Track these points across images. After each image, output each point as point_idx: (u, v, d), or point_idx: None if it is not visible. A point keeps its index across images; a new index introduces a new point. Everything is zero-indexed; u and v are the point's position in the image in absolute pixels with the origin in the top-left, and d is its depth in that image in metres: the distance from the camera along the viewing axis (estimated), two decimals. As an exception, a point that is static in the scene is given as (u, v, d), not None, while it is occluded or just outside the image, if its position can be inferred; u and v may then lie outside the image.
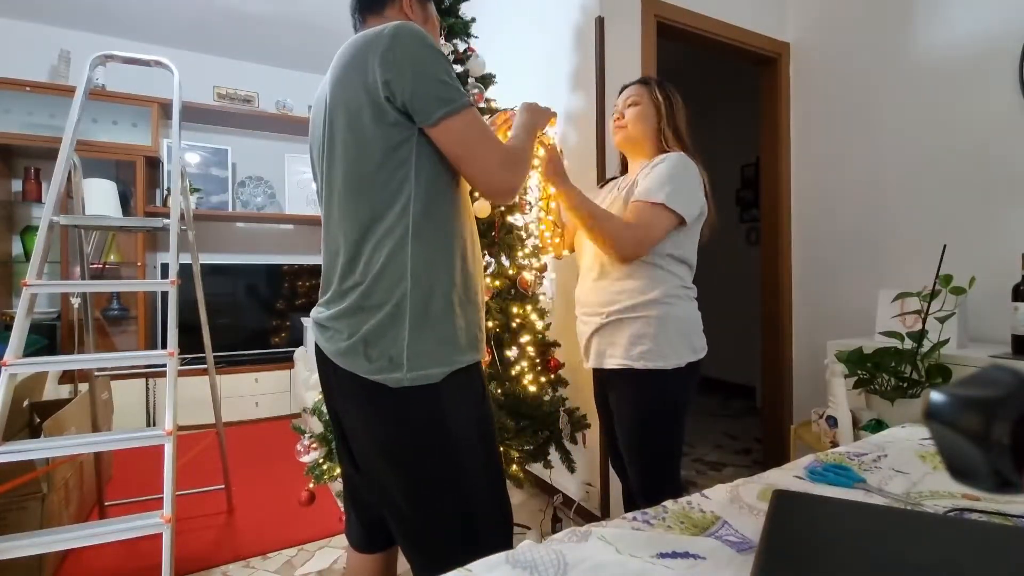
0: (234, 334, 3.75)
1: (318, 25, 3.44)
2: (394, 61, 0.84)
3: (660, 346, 1.25)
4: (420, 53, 0.86)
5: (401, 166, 0.87)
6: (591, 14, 2.10)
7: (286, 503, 2.28)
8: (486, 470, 0.96)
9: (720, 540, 0.67)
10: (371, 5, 1.03)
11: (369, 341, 0.88)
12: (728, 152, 4.22)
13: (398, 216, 0.87)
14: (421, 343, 0.88)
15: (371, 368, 0.87)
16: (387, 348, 0.87)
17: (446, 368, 0.90)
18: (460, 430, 0.91)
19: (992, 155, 1.90)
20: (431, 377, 0.88)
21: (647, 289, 1.27)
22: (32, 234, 3.17)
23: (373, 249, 0.88)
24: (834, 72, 2.43)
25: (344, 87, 0.89)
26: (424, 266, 0.88)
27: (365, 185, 0.88)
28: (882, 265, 2.23)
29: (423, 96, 0.85)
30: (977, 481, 0.35)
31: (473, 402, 0.95)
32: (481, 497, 0.94)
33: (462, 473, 0.91)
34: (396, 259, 0.87)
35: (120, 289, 3.46)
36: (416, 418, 0.89)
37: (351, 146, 0.89)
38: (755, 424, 3.41)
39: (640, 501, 1.29)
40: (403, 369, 0.87)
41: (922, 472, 0.92)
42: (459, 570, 0.59)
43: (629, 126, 1.39)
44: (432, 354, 0.89)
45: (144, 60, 1.83)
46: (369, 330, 0.88)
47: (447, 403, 0.90)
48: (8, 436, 1.39)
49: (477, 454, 0.94)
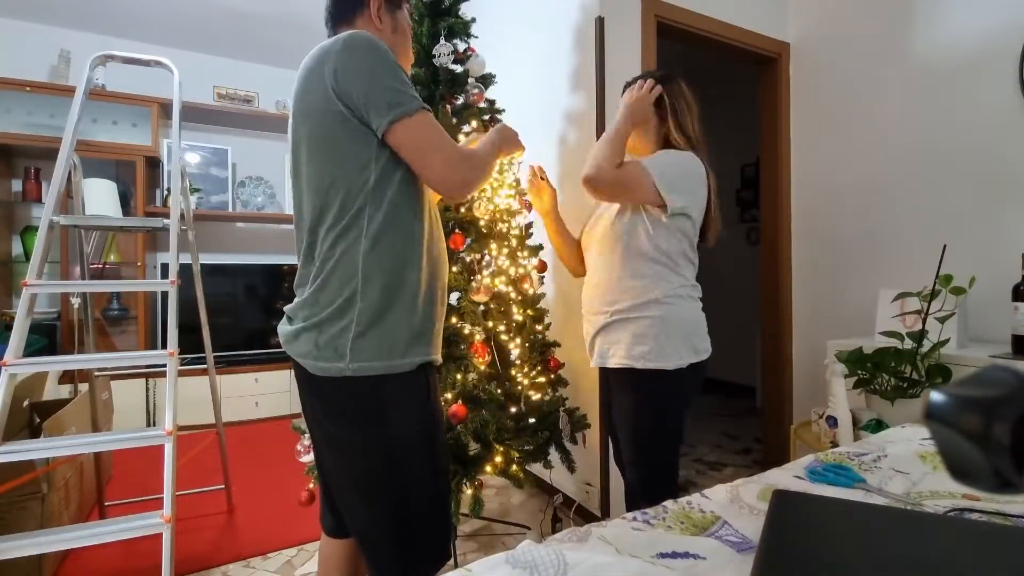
0: (234, 334, 3.75)
1: (318, 25, 3.40)
2: (345, 70, 0.89)
3: (661, 346, 1.25)
4: (370, 61, 0.90)
5: (362, 170, 0.92)
6: (591, 14, 2.10)
7: (286, 503, 2.28)
8: (426, 470, 0.97)
9: (720, 540, 0.67)
10: (341, 15, 1.07)
11: (320, 330, 0.92)
12: (728, 152, 4.22)
13: (354, 217, 0.92)
14: (366, 337, 0.91)
15: (318, 355, 0.92)
16: (334, 339, 0.91)
17: (388, 363, 0.92)
18: (401, 426, 0.94)
19: (992, 155, 1.90)
20: (373, 369, 0.91)
21: (650, 288, 1.27)
22: (32, 234, 3.17)
23: (330, 247, 0.93)
24: (834, 72, 2.43)
25: (306, 94, 0.93)
26: (376, 265, 0.92)
27: (326, 187, 0.93)
28: (882, 265, 2.23)
29: (375, 103, 0.88)
30: (977, 481, 0.35)
31: (417, 400, 0.97)
32: (418, 496, 0.95)
33: (399, 470, 0.93)
34: (348, 257, 0.92)
35: (120, 289, 3.46)
36: (355, 409, 0.92)
37: (314, 151, 0.93)
38: (755, 424, 3.41)
39: (641, 503, 1.29)
40: (345, 360, 0.90)
41: (922, 472, 0.92)
42: (459, 570, 0.59)
43: None
44: (375, 348, 0.92)
45: (144, 60, 1.83)
46: (319, 320, 0.93)
47: (387, 398, 0.93)
48: (8, 436, 1.39)
49: (417, 453, 0.96)
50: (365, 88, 0.88)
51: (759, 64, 2.64)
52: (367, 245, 0.92)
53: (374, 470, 0.93)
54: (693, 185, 1.27)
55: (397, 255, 0.94)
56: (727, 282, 4.19)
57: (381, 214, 0.92)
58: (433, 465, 0.98)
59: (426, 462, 0.97)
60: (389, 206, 0.93)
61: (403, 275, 0.95)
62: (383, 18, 1.07)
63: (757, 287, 2.83)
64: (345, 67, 0.89)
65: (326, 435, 0.98)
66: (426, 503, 0.97)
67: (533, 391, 1.81)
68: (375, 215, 0.92)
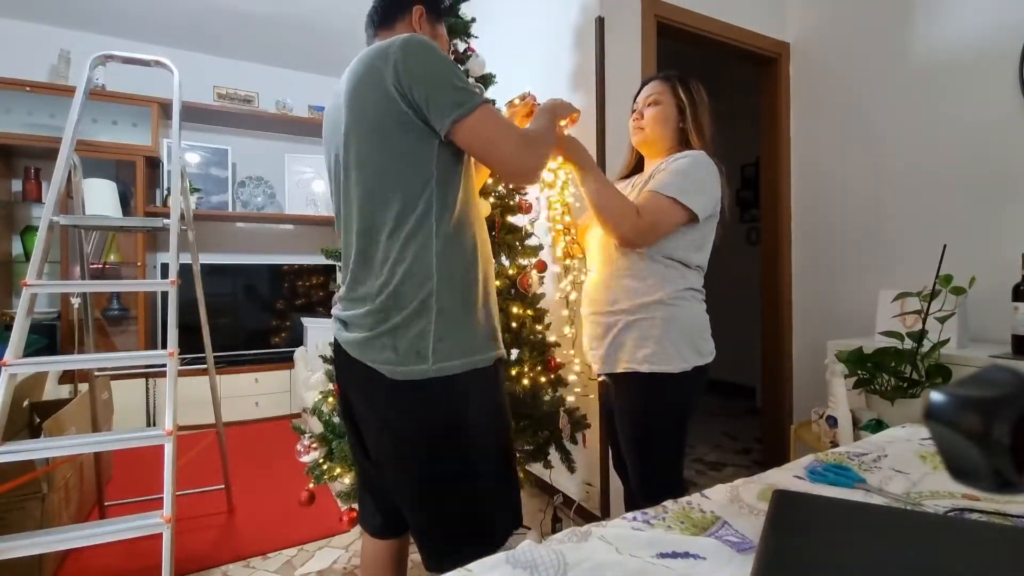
0: (234, 334, 3.75)
1: (318, 25, 3.44)
2: (406, 70, 0.88)
3: (665, 349, 1.23)
4: (430, 61, 0.90)
5: (422, 170, 0.92)
6: (591, 14, 2.10)
7: (286, 503, 2.28)
8: (498, 466, 0.99)
9: (720, 540, 0.67)
10: (385, 19, 1.09)
11: (396, 335, 0.92)
12: (728, 152, 4.20)
13: (421, 218, 0.91)
14: (447, 337, 0.92)
15: (397, 359, 0.91)
16: (414, 343, 0.91)
17: (468, 360, 0.93)
18: (477, 424, 0.94)
19: (992, 155, 1.90)
20: (453, 368, 0.91)
21: (653, 290, 1.25)
22: (32, 234, 3.17)
23: (400, 250, 0.92)
24: (834, 72, 2.43)
25: (361, 97, 0.93)
26: (448, 266, 0.93)
27: (388, 190, 0.92)
28: (882, 265, 2.23)
29: (438, 103, 0.89)
30: (977, 481, 0.35)
31: (491, 397, 0.99)
32: (492, 493, 0.97)
33: (474, 468, 0.94)
34: (421, 259, 0.91)
35: (120, 289, 3.46)
36: (436, 408, 0.92)
37: (372, 154, 0.93)
38: (755, 424, 3.41)
39: (642, 504, 1.28)
40: (428, 361, 0.90)
41: (922, 472, 0.91)
42: (459, 570, 0.59)
43: (647, 128, 1.35)
44: (456, 348, 0.93)
45: (144, 60, 1.83)
46: (396, 325, 0.92)
47: (468, 394, 0.94)
48: (8, 436, 1.38)
49: (490, 449, 0.97)
50: (428, 88, 0.88)
51: (759, 64, 2.64)
52: (439, 245, 0.92)
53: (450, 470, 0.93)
54: (711, 185, 1.26)
55: (467, 253, 0.96)
56: (727, 282, 4.18)
57: (450, 213, 0.93)
58: (505, 460, 1.01)
59: (501, 457, 1.00)
60: (455, 205, 0.94)
61: (473, 273, 0.97)
62: (423, 27, 1.09)
63: (757, 287, 2.83)
64: (407, 67, 0.89)
65: (397, 436, 0.95)
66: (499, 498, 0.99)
67: (533, 391, 1.80)
68: (443, 215, 0.92)
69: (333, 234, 4.46)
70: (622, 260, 1.29)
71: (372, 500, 1.13)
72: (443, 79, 0.90)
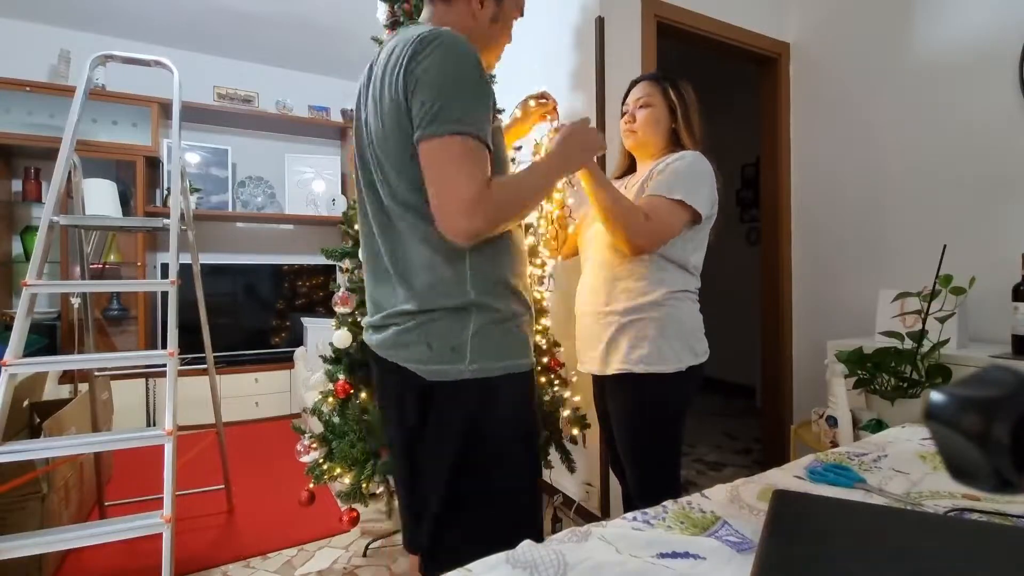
0: (234, 334, 3.75)
1: (318, 25, 3.44)
2: (413, 72, 0.82)
3: (660, 349, 1.23)
4: (439, 65, 0.81)
5: None
6: (591, 14, 2.10)
7: (286, 503, 2.28)
8: (524, 473, 0.95)
9: (720, 540, 0.67)
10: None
11: (431, 333, 0.87)
12: (728, 152, 4.22)
13: None
14: (486, 337, 0.88)
15: (431, 356, 0.86)
16: (450, 339, 0.87)
17: (507, 363, 0.89)
18: (505, 430, 0.91)
19: (992, 155, 1.89)
20: (491, 371, 0.87)
21: (649, 291, 1.25)
22: (32, 234, 3.17)
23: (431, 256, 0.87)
24: (834, 72, 2.42)
25: (381, 90, 0.87)
26: (483, 273, 0.88)
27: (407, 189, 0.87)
28: (882, 265, 2.23)
29: (421, 111, 0.81)
30: (977, 481, 0.35)
31: (523, 404, 0.94)
32: (517, 500, 0.93)
33: (500, 474, 0.91)
34: (457, 266, 0.87)
35: (120, 289, 3.46)
36: (467, 414, 0.88)
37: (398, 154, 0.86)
38: (755, 424, 3.41)
39: (639, 504, 1.29)
40: (465, 360, 0.86)
41: (922, 472, 0.91)
42: (459, 570, 0.59)
43: (640, 131, 1.35)
44: (495, 349, 0.89)
45: (144, 60, 1.83)
46: (432, 323, 0.87)
47: (500, 400, 0.89)
48: (8, 436, 1.39)
49: (517, 456, 0.93)
50: (420, 93, 0.82)
51: (759, 64, 2.64)
52: (472, 254, 0.87)
53: (477, 475, 0.89)
54: (709, 184, 1.27)
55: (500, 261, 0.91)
56: (727, 282, 4.18)
57: None
58: (531, 468, 0.98)
59: (527, 465, 0.96)
60: None
61: (509, 282, 0.92)
62: (486, 3, 0.97)
63: (757, 287, 2.83)
64: (414, 70, 0.81)
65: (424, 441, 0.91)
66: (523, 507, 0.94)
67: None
68: None
69: (333, 234, 4.43)
70: (618, 262, 1.29)
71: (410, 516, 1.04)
72: (441, 86, 0.81)
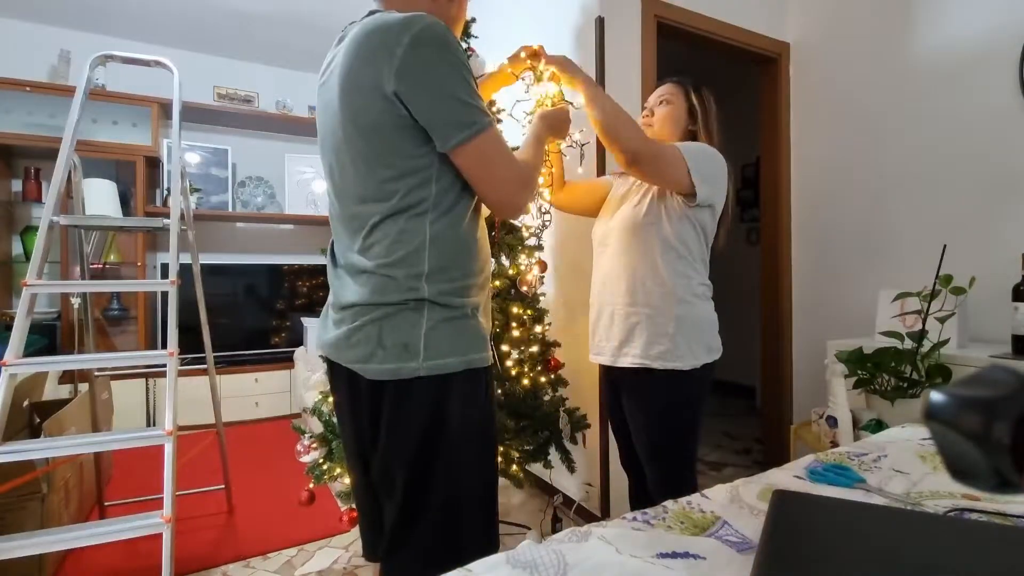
0: (234, 334, 3.75)
1: (318, 25, 3.44)
2: (409, 73, 0.80)
3: (678, 346, 1.25)
4: (438, 67, 0.82)
5: (420, 171, 0.86)
6: (591, 14, 2.10)
7: (286, 503, 2.28)
8: (479, 473, 0.94)
9: (720, 540, 0.67)
10: None
11: (384, 330, 0.86)
12: (728, 152, 4.21)
13: (416, 218, 0.86)
14: (439, 334, 0.86)
15: (384, 356, 0.85)
16: (402, 336, 0.85)
17: (462, 359, 0.88)
18: (462, 428, 0.90)
19: (992, 155, 1.90)
20: (447, 367, 0.86)
21: (671, 286, 1.26)
22: (32, 234, 3.17)
23: (388, 249, 0.86)
24: (834, 72, 2.42)
25: (356, 84, 0.84)
26: (441, 267, 0.87)
27: (383, 186, 0.86)
28: (882, 265, 2.23)
29: (440, 120, 0.83)
30: (977, 481, 0.35)
31: (479, 402, 0.93)
32: (470, 499, 0.92)
33: (455, 473, 0.89)
34: (415, 259, 0.86)
35: (120, 289, 3.46)
36: (421, 412, 0.87)
37: (367, 147, 0.86)
38: (755, 424, 3.41)
39: (657, 499, 1.29)
40: (419, 358, 0.84)
41: (922, 472, 0.91)
42: (459, 570, 0.59)
43: (656, 126, 1.38)
44: (450, 345, 0.87)
45: (144, 60, 1.83)
46: (383, 319, 0.86)
47: (456, 398, 0.88)
48: (8, 436, 1.39)
49: (473, 456, 0.92)
50: (429, 99, 0.82)
51: (759, 64, 2.64)
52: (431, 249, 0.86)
53: (429, 474, 0.87)
54: (720, 177, 1.27)
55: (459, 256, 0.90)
56: (727, 282, 4.16)
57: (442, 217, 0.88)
58: (491, 462, 0.97)
59: (484, 460, 0.95)
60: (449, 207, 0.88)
61: (467, 276, 0.91)
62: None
63: (757, 287, 2.83)
64: (413, 74, 0.80)
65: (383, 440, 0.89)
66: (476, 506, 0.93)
67: (533, 391, 1.80)
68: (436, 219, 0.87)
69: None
70: (641, 255, 1.29)
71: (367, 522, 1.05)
72: (449, 91, 0.82)
